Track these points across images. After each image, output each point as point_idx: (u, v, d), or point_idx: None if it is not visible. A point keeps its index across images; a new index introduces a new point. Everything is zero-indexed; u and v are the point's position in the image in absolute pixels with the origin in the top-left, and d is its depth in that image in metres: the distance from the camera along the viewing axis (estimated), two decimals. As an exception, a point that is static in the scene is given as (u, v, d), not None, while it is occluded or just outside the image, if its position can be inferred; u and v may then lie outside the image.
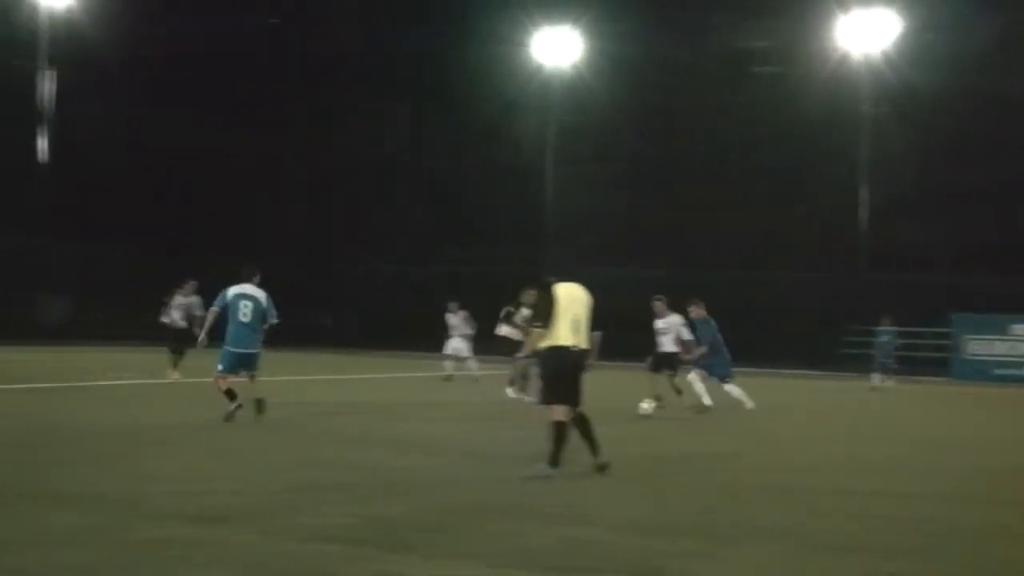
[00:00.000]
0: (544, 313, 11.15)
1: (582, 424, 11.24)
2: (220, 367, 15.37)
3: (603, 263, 38.91)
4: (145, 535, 7.80)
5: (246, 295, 15.41)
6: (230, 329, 15.38)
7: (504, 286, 22.43)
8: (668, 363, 20.90)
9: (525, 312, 20.90)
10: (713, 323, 20.46)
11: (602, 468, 11.17)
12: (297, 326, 50.15)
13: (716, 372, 20.47)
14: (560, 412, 11.00)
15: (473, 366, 26.72)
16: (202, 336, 15.85)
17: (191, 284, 24.44)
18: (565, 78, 50.06)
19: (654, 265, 42.27)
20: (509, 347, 21.37)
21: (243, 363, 15.53)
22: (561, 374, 11.13)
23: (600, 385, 13.96)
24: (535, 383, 11.26)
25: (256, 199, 52.79)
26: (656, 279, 31.20)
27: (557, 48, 49.56)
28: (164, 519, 8.36)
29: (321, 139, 53.63)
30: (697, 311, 20.46)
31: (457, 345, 27.09)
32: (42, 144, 46.58)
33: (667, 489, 10.84)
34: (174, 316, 24.55)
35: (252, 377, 15.69)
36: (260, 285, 15.71)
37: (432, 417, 17.91)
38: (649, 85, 46.63)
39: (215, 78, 50.43)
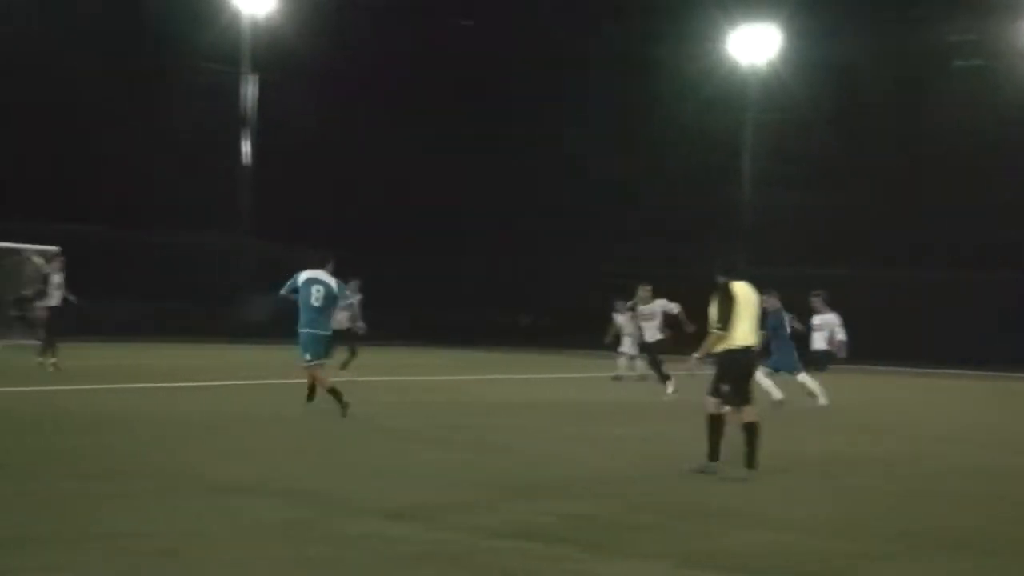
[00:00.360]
0: (725, 314, 10.86)
1: (752, 431, 10.95)
2: (307, 355, 15.57)
3: (802, 262, 38.17)
4: (350, 530, 7.87)
5: (317, 280, 15.55)
6: (303, 313, 15.62)
7: (698, 285, 22.10)
8: (815, 361, 20.46)
9: (642, 308, 20.75)
10: (785, 315, 19.74)
11: (746, 478, 10.78)
12: (496, 325, 51.24)
13: (781, 366, 19.81)
14: (751, 411, 10.93)
15: (640, 366, 26.47)
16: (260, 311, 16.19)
17: (354, 283, 24.37)
18: (761, 75, 49.34)
19: (851, 264, 41.36)
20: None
21: (313, 344, 15.68)
22: (741, 377, 10.98)
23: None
24: (712, 383, 10.94)
25: (449, 198, 53.31)
26: (850, 279, 30.42)
27: (754, 45, 48.87)
28: (365, 515, 8.44)
29: (515, 138, 53.80)
30: (770, 301, 19.97)
31: (627, 344, 26.98)
32: (245, 147, 48.00)
33: (844, 490, 10.65)
34: (339, 317, 24.58)
35: (313, 365, 15.84)
36: (334, 273, 15.86)
37: (607, 416, 17.69)
38: (847, 81, 45.61)
39: (409, 80, 51.23)
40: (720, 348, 10.95)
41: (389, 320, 45.99)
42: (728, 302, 10.86)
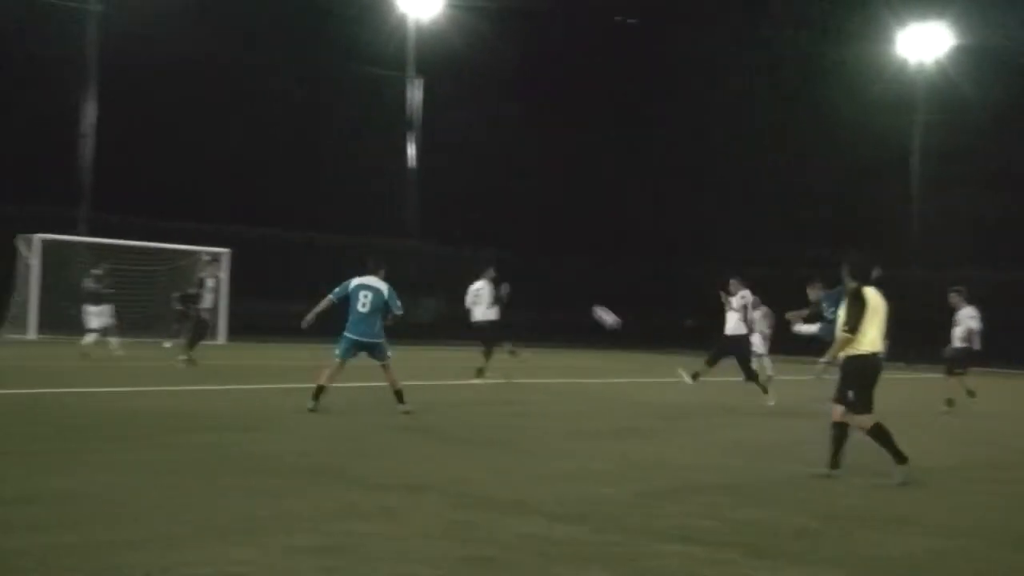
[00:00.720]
0: (854, 318, 10.77)
1: (882, 432, 10.87)
2: (336, 352, 15.78)
3: (971, 265, 37.25)
4: (515, 530, 7.91)
5: (367, 286, 15.68)
6: (350, 318, 15.78)
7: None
8: (955, 360, 19.98)
9: (735, 303, 20.20)
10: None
11: (904, 481, 10.67)
12: (656, 327, 50.94)
13: None
14: (867, 419, 10.81)
15: (768, 364, 26.14)
16: (309, 317, 15.98)
17: (504, 286, 24.39)
18: (930, 74, 48.25)
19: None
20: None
21: (364, 350, 15.85)
22: (866, 384, 10.84)
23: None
24: (839, 389, 10.88)
25: (610, 200, 53.28)
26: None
27: (922, 44, 47.83)
28: (529, 515, 8.49)
29: (679, 139, 53.54)
30: (812, 290, 19.51)
31: (756, 342, 26.65)
32: (411, 151, 48.76)
33: (1013, 496, 10.45)
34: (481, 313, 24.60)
35: (385, 367, 15.93)
36: (385, 279, 15.92)
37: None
38: (1018, 81, 44.27)
39: (570, 81, 51.35)
40: (847, 353, 10.86)
41: (554, 321, 46.29)
42: (858, 306, 10.79)
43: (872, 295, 10.95)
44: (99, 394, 17.37)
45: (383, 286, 15.77)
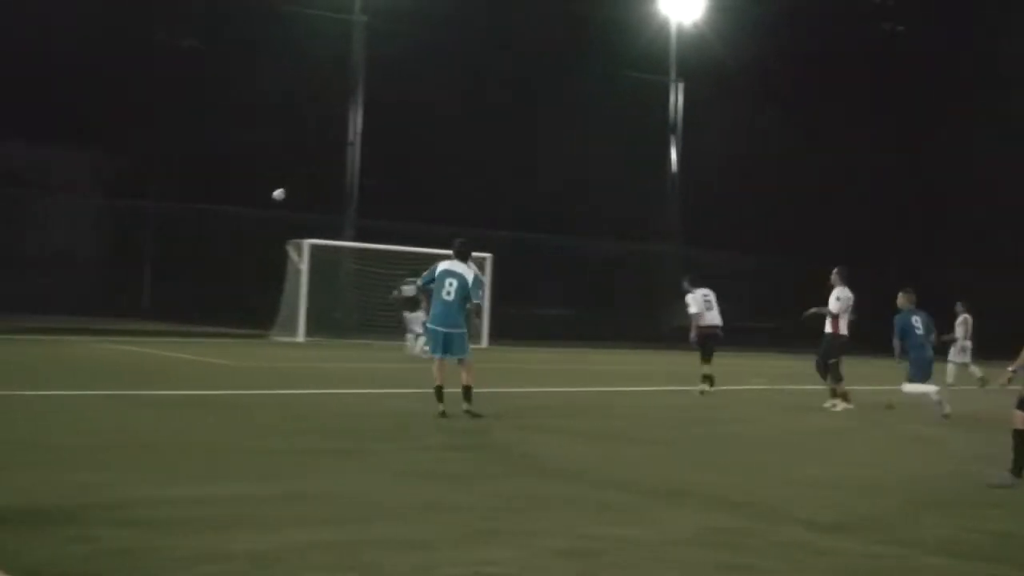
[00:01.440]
0: None
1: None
2: (427, 347, 14.84)
3: None
4: (777, 539, 7.73)
5: (453, 272, 14.47)
6: (434, 306, 14.71)
7: None
8: None
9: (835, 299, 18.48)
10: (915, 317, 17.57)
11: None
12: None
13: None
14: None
15: (976, 371, 25.39)
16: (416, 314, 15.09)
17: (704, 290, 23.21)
18: None
19: None
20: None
21: (447, 343, 14.49)
22: None
23: None
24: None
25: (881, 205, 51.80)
26: None
27: None
28: (792, 524, 8.29)
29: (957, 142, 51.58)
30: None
31: (953, 352, 25.87)
32: (673, 155, 48.26)
33: None
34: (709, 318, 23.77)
35: (462, 362, 14.67)
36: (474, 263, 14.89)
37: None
38: None
39: (829, 85, 50.20)
40: None
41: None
42: None
43: None
44: (368, 395, 17.80)
45: (469, 273, 14.61)
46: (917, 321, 17.31)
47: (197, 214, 43.11)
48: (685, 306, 20.72)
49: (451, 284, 14.38)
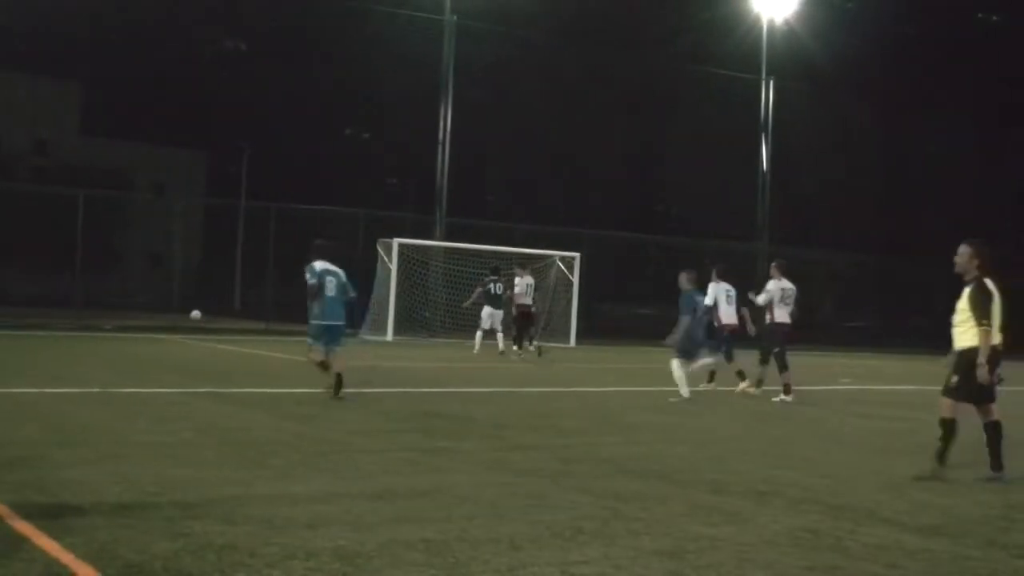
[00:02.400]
0: (987, 311, 10.33)
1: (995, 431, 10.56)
2: (309, 340, 16.11)
3: None
4: (863, 540, 7.68)
5: (330, 271, 15.91)
6: (319, 303, 15.87)
7: None
8: None
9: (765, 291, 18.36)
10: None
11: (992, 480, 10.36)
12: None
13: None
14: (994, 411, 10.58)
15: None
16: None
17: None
18: None
19: None
20: None
21: (330, 334, 15.94)
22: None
23: None
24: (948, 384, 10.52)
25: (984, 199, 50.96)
26: None
27: None
28: (879, 525, 8.24)
29: None
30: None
31: None
32: (764, 152, 47.88)
33: None
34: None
35: (334, 352, 15.96)
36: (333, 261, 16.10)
37: None
38: None
39: (923, 81, 49.57)
40: (969, 345, 10.39)
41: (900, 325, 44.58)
42: (986, 298, 10.41)
43: (993, 286, 10.55)
44: (458, 394, 17.92)
45: (339, 270, 16.08)
46: None
47: (290, 213, 43.57)
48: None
49: (331, 281, 15.89)
